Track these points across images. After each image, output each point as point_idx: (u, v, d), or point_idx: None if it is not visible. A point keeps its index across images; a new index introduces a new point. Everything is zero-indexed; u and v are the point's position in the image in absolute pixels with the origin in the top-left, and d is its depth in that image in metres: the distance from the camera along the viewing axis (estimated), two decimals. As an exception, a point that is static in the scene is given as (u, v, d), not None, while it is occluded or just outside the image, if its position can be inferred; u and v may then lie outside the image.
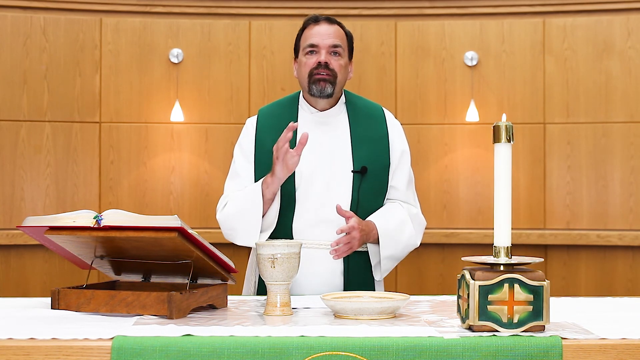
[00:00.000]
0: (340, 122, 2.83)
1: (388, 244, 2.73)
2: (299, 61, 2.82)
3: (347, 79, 2.84)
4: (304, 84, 2.80)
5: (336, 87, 2.77)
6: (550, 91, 5.26)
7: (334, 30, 2.78)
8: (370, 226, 2.71)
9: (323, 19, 2.80)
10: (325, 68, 2.74)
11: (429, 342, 1.76)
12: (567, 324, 1.97)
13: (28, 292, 5.03)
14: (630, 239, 5.04)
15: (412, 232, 2.79)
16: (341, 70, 2.78)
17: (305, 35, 2.81)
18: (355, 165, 2.76)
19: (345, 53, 2.81)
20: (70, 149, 5.23)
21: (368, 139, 2.80)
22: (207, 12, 5.33)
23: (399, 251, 2.77)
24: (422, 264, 5.23)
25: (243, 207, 2.67)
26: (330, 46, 2.76)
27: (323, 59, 2.74)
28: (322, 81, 2.74)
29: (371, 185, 2.77)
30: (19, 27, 5.17)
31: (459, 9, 5.32)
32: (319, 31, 2.77)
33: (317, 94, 2.76)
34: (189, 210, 5.29)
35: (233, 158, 2.88)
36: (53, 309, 2.17)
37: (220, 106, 5.33)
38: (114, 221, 2.10)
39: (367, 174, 2.75)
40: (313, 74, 2.75)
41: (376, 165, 2.78)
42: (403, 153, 2.86)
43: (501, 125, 1.88)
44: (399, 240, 2.75)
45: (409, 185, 2.87)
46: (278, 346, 1.76)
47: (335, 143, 2.80)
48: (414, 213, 2.83)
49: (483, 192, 5.28)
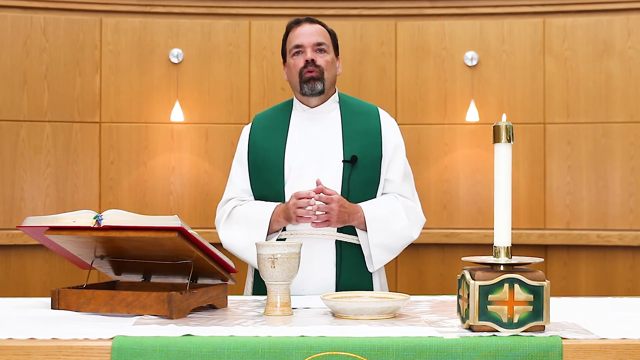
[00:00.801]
0: (333, 117, 2.88)
1: (376, 230, 2.72)
2: (288, 64, 2.89)
3: (337, 74, 2.90)
4: (296, 85, 2.86)
5: (325, 82, 2.83)
6: (550, 91, 5.26)
7: (316, 29, 2.87)
8: (355, 208, 2.72)
9: (304, 20, 2.89)
10: (313, 65, 2.81)
11: (429, 342, 1.76)
12: (567, 324, 1.97)
13: (28, 292, 5.03)
14: (630, 239, 5.04)
15: (406, 224, 2.77)
16: (328, 65, 2.84)
17: (289, 38, 2.89)
18: (345, 155, 2.79)
19: (331, 49, 2.87)
20: (70, 149, 5.23)
21: (360, 132, 2.84)
22: (207, 12, 5.33)
23: (392, 241, 2.76)
24: (422, 264, 5.22)
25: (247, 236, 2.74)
26: (315, 44, 2.84)
27: (309, 57, 2.81)
28: (312, 80, 2.81)
29: (362, 176, 2.78)
30: (19, 27, 5.17)
31: (459, 9, 5.32)
32: (302, 31, 2.85)
33: (308, 92, 2.83)
34: (189, 210, 5.29)
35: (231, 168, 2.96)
36: (53, 309, 2.17)
37: (220, 106, 5.33)
38: (114, 221, 2.10)
39: (357, 164, 2.77)
40: (302, 72, 2.82)
41: (367, 156, 2.80)
42: (397, 147, 2.87)
43: (501, 125, 1.88)
44: (391, 228, 2.75)
45: (405, 179, 2.87)
46: (278, 346, 1.76)
47: (327, 135, 2.84)
48: (409, 205, 2.82)
49: (483, 192, 5.28)
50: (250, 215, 2.78)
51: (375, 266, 2.77)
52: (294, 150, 2.80)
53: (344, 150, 2.80)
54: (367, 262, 2.79)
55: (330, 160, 2.79)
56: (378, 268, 2.79)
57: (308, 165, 2.78)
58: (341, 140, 2.82)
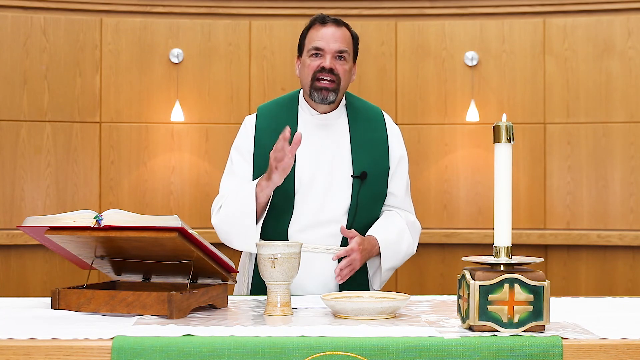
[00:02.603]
0: (340, 125, 2.78)
1: (389, 257, 2.72)
2: (303, 61, 2.74)
3: (350, 82, 2.78)
4: (306, 86, 2.73)
5: (339, 93, 2.72)
6: (550, 91, 5.26)
7: (341, 34, 2.70)
8: (372, 242, 2.68)
9: (330, 20, 2.71)
10: (330, 73, 2.67)
11: (429, 342, 1.77)
12: (568, 324, 1.97)
13: (28, 292, 5.03)
14: (630, 239, 5.04)
15: (410, 241, 2.78)
16: (345, 75, 2.71)
17: (310, 35, 2.72)
18: (355, 170, 2.72)
19: (351, 57, 2.74)
20: (70, 149, 5.23)
21: (368, 144, 2.76)
22: (207, 12, 5.33)
23: (399, 261, 2.77)
24: (422, 264, 5.22)
25: (237, 213, 2.62)
26: (337, 51, 2.68)
27: (328, 65, 2.67)
28: (325, 90, 2.68)
29: (370, 191, 2.73)
30: (20, 27, 5.17)
31: (459, 9, 5.32)
32: (326, 34, 2.68)
33: (318, 101, 2.71)
34: (189, 210, 5.29)
35: (229, 156, 2.83)
36: (53, 309, 2.17)
37: (220, 106, 5.33)
38: (114, 221, 2.10)
39: (366, 179, 2.72)
40: (316, 77, 2.68)
41: (376, 170, 2.74)
42: (401, 159, 2.82)
43: (501, 125, 1.88)
44: (399, 251, 2.75)
45: (407, 192, 2.85)
46: (278, 346, 1.76)
47: (335, 147, 2.75)
48: (411, 221, 2.82)
49: (483, 192, 5.28)
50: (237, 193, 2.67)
51: (381, 285, 2.79)
52: (303, 163, 2.69)
53: (353, 164, 2.73)
54: (372, 280, 2.78)
55: (340, 175, 2.72)
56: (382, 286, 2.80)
57: (317, 178, 2.70)
58: (349, 152, 2.74)
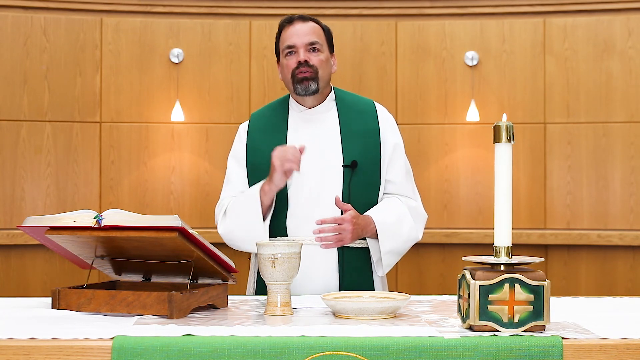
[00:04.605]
0: (330, 117, 2.84)
1: (387, 238, 2.72)
2: (281, 63, 2.83)
3: (332, 72, 2.84)
4: (289, 85, 2.81)
5: (320, 82, 2.78)
6: (550, 91, 5.26)
7: (309, 27, 2.80)
8: (367, 220, 2.71)
9: (297, 18, 2.82)
10: (306, 65, 2.75)
11: (429, 342, 1.76)
12: (568, 324, 1.97)
13: (28, 292, 5.03)
14: (630, 238, 5.04)
15: (412, 225, 2.78)
16: (322, 65, 2.78)
17: (282, 37, 2.82)
18: (345, 159, 2.76)
19: (325, 47, 2.82)
20: (70, 148, 5.23)
21: (358, 133, 2.81)
22: (207, 12, 5.33)
23: (400, 245, 2.76)
24: (422, 264, 5.23)
25: (244, 220, 2.69)
26: (307, 44, 2.77)
27: (302, 58, 2.75)
28: (305, 80, 2.76)
29: (362, 180, 2.76)
30: (20, 27, 5.17)
31: (459, 9, 5.32)
32: (294, 31, 2.78)
33: (302, 92, 2.78)
34: (190, 210, 5.29)
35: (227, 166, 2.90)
36: (53, 309, 2.17)
37: (220, 106, 5.33)
38: (115, 221, 2.10)
39: (357, 168, 2.75)
40: (295, 73, 2.76)
41: (367, 159, 2.77)
42: (396, 146, 2.84)
43: (501, 125, 1.88)
44: (399, 233, 2.75)
45: (407, 178, 2.86)
46: (278, 346, 1.76)
47: (325, 139, 2.80)
48: (412, 206, 2.82)
49: (483, 192, 5.28)
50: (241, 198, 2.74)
51: (385, 270, 2.78)
52: None
53: (343, 154, 2.77)
54: (376, 266, 2.79)
55: (330, 165, 2.76)
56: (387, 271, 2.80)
57: (308, 170, 2.74)
58: (340, 143, 2.79)
